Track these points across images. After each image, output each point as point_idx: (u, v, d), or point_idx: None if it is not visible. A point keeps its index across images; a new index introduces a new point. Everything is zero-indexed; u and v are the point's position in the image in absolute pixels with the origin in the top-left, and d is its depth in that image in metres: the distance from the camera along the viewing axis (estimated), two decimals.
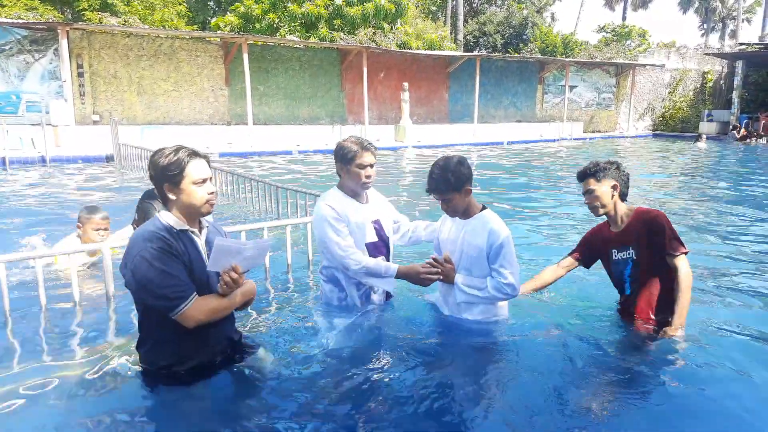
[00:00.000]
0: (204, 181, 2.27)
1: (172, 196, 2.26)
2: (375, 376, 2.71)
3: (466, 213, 2.93)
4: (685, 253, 2.91)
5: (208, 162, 2.35)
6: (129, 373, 2.60)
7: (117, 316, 3.42)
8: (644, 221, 2.95)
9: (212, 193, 2.30)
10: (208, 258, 2.31)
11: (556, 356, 2.95)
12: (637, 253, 3.00)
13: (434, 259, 2.95)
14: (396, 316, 3.27)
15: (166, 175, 2.23)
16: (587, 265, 3.46)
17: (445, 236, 3.07)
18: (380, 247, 3.11)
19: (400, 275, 2.99)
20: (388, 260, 3.15)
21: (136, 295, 2.27)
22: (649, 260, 2.96)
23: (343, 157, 2.98)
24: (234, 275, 2.28)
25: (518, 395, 2.62)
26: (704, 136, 21.50)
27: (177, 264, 2.20)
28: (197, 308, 2.23)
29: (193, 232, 2.32)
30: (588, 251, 3.38)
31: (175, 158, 2.23)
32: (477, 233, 2.88)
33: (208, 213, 2.34)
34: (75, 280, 3.41)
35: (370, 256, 3.04)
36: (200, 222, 2.39)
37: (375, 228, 3.08)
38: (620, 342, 3.13)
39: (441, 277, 2.94)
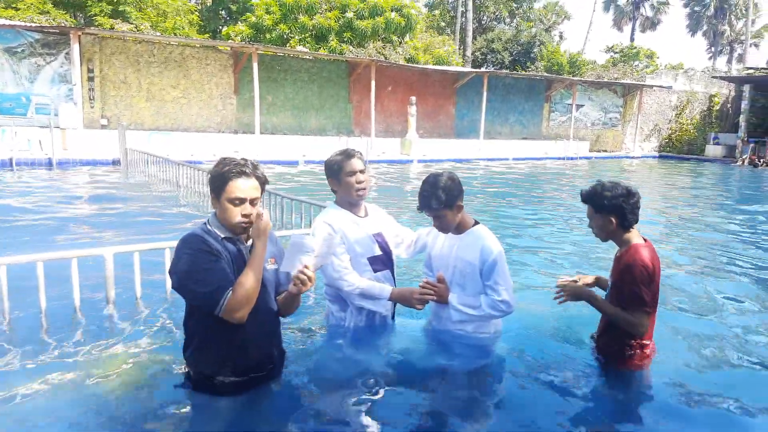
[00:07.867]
0: (241, 201, 2.20)
1: (215, 205, 2.29)
2: (373, 395, 2.68)
3: (458, 228, 2.88)
4: (647, 312, 2.68)
5: (262, 183, 2.28)
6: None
7: (119, 317, 3.44)
8: (624, 263, 2.74)
9: (246, 215, 2.21)
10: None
11: (549, 375, 2.93)
12: (611, 285, 2.89)
13: (428, 282, 2.87)
14: (397, 334, 3.22)
15: (211, 185, 2.27)
16: None
17: (437, 251, 3.02)
18: (384, 260, 3.05)
19: (393, 297, 2.94)
20: (392, 274, 3.10)
21: (182, 295, 2.28)
22: (615, 296, 2.84)
23: (331, 170, 2.97)
24: (309, 272, 2.26)
25: (509, 412, 2.62)
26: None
27: (217, 263, 2.18)
28: (233, 298, 2.16)
29: (237, 239, 2.30)
30: None
31: (222, 171, 2.22)
32: (469, 249, 2.84)
33: (241, 234, 2.28)
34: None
35: (373, 270, 2.98)
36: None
37: (378, 242, 3.02)
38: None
39: (435, 298, 2.87)
